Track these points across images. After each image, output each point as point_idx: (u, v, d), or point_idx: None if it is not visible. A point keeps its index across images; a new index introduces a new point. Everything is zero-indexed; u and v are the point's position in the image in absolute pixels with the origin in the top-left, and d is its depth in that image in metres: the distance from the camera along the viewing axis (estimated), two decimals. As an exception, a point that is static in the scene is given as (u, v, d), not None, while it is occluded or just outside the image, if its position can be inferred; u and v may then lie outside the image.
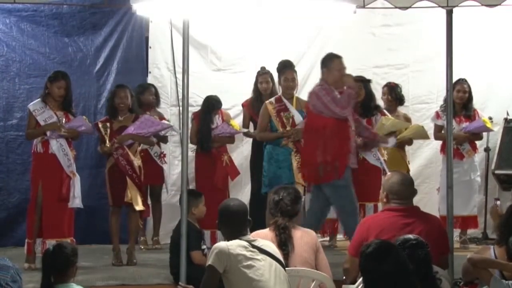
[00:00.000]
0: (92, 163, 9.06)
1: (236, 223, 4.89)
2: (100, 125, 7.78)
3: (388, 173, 5.77)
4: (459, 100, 8.62)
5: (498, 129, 9.20)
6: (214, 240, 8.29)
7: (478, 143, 9.36)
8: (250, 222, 5.00)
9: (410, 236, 4.33)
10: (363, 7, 6.04)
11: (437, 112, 8.72)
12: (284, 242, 5.12)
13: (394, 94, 8.77)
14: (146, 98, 8.71)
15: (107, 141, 7.69)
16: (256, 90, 8.70)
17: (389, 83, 8.90)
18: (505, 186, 8.99)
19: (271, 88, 8.59)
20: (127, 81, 8.52)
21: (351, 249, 5.34)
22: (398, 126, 8.37)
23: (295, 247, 5.20)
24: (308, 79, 9.26)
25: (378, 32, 9.52)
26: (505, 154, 9.20)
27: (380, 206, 7.40)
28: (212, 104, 8.65)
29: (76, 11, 9.16)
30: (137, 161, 7.80)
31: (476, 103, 9.16)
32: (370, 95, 8.30)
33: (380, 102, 8.68)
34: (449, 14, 6.15)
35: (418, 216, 5.32)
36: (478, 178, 8.85)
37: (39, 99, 7.66)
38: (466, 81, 8.69)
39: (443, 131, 8.39)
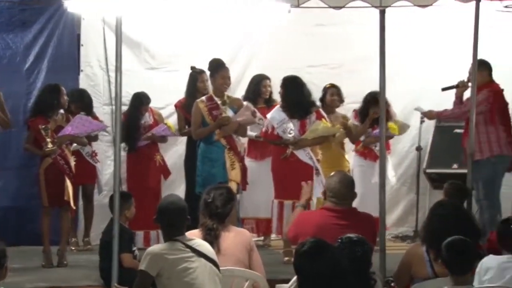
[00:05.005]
0: (21, 163, 8.86)
1: (174, 221, 4.82)
2: (40, 128, 7.59)
3: (332, 172, 5.74)
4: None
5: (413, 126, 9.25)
6: (147, 241, 8.21)
7: (410, 142, 9.52)
8: (189, 221, 4.94)
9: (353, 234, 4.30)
10: (298, 6, 6.04)
11: (355, 111, 8.76)
12: (210, 244, 5.06)
13: (341, 95, 8.79)
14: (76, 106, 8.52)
15: (49, 143, 7.55)
16: (192, 89, 8.60)
17: (333, 84, 8.85)
18: (436, 184, 9.06)
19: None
20: (58, 79, 8.35)
21: (289, 233, 5.42)
22: (330, 131, 8.28)
23: (228, 247, 5.16)
24: (243, 78, 9.23)
25: (312, 32, 9.52)
26: (437, 153, 9.32)
27: (312, 204, 7.33)
28: (140, 100, 8.56)
29: (5, 7, 8.97)
30: (72, 161, 7.74)
31: (409, 102, 9.25)
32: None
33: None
34: (382, 14, 6.18)
35: (353, 219, 5.28)
36: (393, 178, 8.83)
37: None
38: None
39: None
